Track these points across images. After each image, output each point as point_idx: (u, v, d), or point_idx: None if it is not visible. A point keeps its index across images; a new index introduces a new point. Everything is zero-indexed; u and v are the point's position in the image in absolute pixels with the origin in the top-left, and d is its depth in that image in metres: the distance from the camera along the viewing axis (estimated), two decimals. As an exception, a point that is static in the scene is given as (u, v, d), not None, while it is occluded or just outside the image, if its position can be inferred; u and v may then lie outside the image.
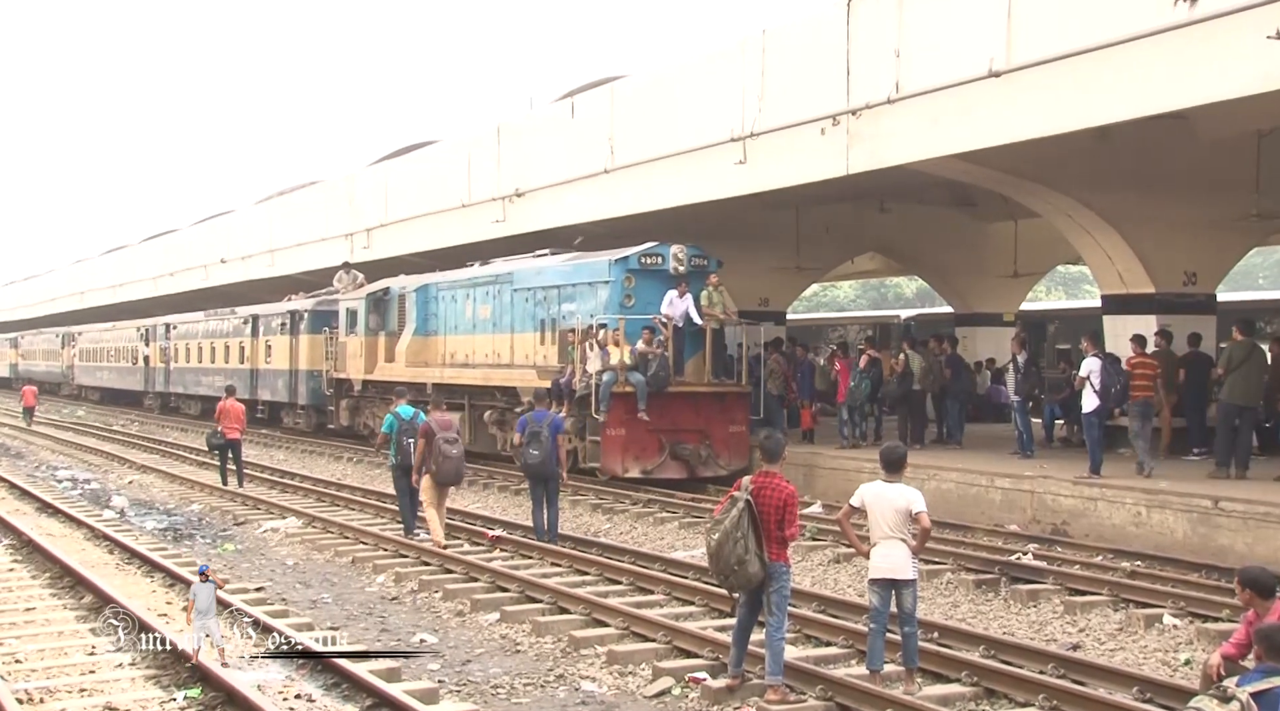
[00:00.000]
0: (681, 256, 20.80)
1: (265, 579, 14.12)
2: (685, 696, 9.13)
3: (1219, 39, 13.49)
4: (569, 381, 20.34)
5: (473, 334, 25.03)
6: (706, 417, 20.51)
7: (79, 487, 23.36)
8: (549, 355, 22.23)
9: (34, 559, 14.57)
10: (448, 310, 26.22)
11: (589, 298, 21.23)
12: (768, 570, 8.80)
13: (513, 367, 23.20)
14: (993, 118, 16.32)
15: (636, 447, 19.99)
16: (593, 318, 20.42)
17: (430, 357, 26.42)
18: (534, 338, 22.84)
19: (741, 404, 20.97)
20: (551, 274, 22.65)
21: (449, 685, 9.49)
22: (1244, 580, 7.16)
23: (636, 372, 19.68)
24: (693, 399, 20.48)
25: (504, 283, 24.04)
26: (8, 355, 73.23)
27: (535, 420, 15.65)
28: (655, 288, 20.69)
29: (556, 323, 22.16)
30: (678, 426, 20.20)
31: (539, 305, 22.82)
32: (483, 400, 23.93)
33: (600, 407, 19.58)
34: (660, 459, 20.09)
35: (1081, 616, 11.51)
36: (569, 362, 20.73)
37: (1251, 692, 5.84)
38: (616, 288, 20.74)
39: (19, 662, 9.65)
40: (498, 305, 24.16)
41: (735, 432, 20.67)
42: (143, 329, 48.71)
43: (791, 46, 20.15)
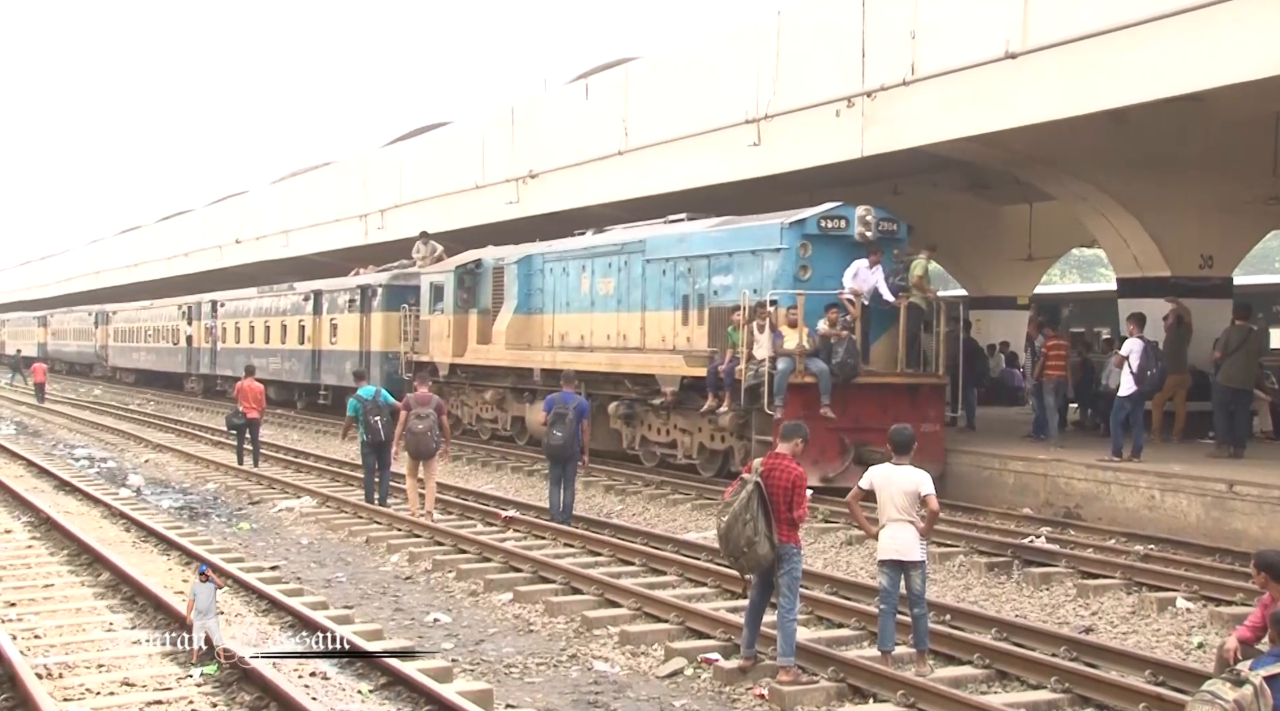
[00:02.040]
0: (869, 220, 17.33)
1: (280, 558, 14.19)
2: (698, 677, 9.16)
3: (1236, 19, 13.44)
4: (731, 370, 17.11)
5: (590, 312, 21.60)
6: (895, 414, 16.49)
7: (96, 466, 23.48)
8: (695, 337, 18.92)
9: (52, 536, 14.65)
10: (557, 284, 22.64)
11: (752, 269, 17.87)
12: (778, 551, 8.80)
13: (645, 351, 19.86)
14: (1008, 100, 16.27)
15: (815, 450, 15.82)
16: (756, 293, 17.12)
17: (534, 339, 23.08)
18: (674, 316, 19.44)
19: (936, 398, 17.64)
20: (698, 241, 19.22)
21: (462, 664, 9.52)
22: (1260, 563, 7.14)
23: (818, 360, 16.68)
24: (879, 391, 17.16)
25: (632, 252, 20.54)
26: (36, 334, 70.05)
27: (563, 402, 15.76)
28: (836, 257, 17.40)
29: (705, 299, 18.77)
30: (861, 424, 16.85)
31: (680, 278, 19.37)
32: (604, 389, 20.57)
33: (775, 401, 16.39)
34: (843, 464, 16.75)
35: (1094, 599, 11.49)
36: (729, 346, 17.37)
37: (1266, 676, 5.82)
38: (790, 257, 17.31)
39: (38, 638, 9.70)
40: (624, 279, 20.68)
41: (929, 432, 16.94)
42: (185, 307, 44.93)
43: (806, 28, 20.09)
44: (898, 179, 23.43)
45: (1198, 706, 5.92)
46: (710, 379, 17.51)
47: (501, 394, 23.78)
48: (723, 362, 17.27)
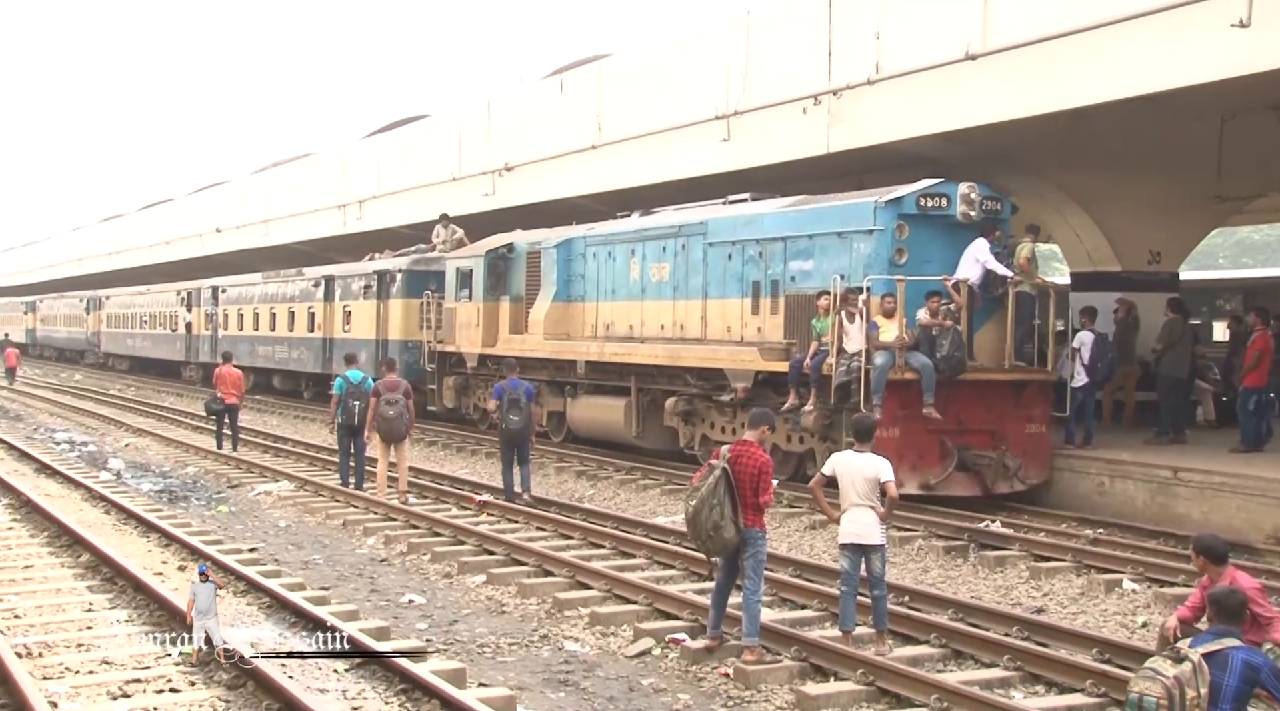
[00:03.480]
0: (974, 198, 15.07)
1: (258, 540, 14.14)
2: (665, 656, 9.20)
3: (1186, 26, 13.60)
4: (817, 364, 15.05)
5: (640, 300, 19.26)
6: (999, 413, 15.03)
7: (76, 449, 23.31)
8: (767, 328, 16.64)
9: (33, 518, 14.56)
10: (601, 271, 20.29)
11: (838, 253, 15.67)
12: (743, 535, 8.84)
13: (707, 343, 17.66)
14: (969, 99, 16.35)
15: (914, 454, 14.53)
16: (845, 279, 15.02)
17: (574, 329, 20.77)
18: (742, 305, 17.14)
19: (1043, 396, 15.51)
20: (772, 222, 16.92)
21: (436, 643, 9.53)
22: (1198, 547, 7.26)
23: (919, 353, 14.57)
24: (983, 389, 15.04)
25: (691, 235, 18.26)
26: (23, 320, 67.67)
27: (512, 388, 16.26)
28: (935, 239, 15.23)
29: (781, 286, 16.47)
30: (963, 425, 14.84)
31: (750, 263, 17.04)
32: (658, 383, 18.78)
33: (872, 400, 14.34)
34: (945, 470, 14.72)
35: (1045, 581, 11.59)
36: (813, 338, 15.28)
37: (1203, 653, 5.95)
38: (886, 239, 15.08)
39: (18, 618, 9.67)
40: (681, 264, 18.40)
41: (1034, 434, 15.18)
42: (184, 292, 42.32)
43: (775, 28, 20.10)
44: (863, 175, 23.52)
45: (1140, 682, 6.03)
46: (792, 374, 15.35)
47: (537, 387, 21.04)
48: (806, 356, 15.22)
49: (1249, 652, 6.02)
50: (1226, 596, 6.33)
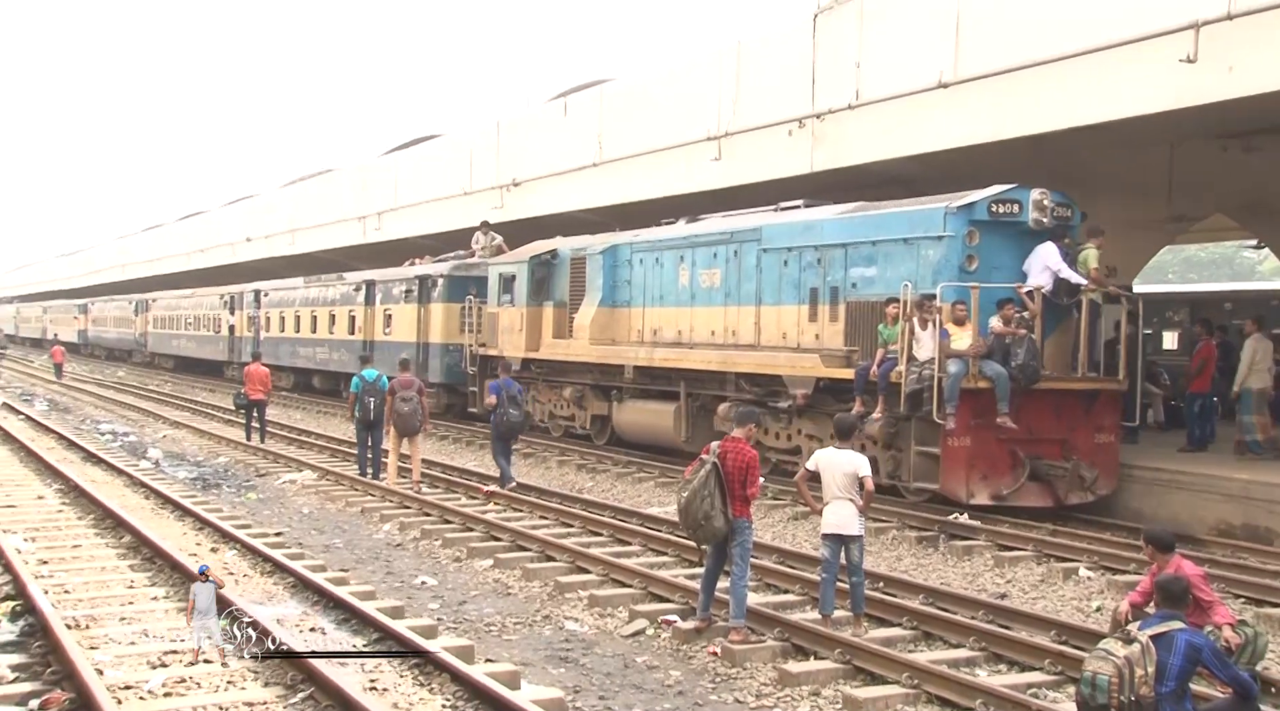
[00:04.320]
0: (1046, 204, 13.91)
1: (284, 525, 14.12)
2: (658, 636, 9.20)
3: (1141, 61, 13.70)
4: (886, 372, 13.87)
5: (690, 306, 18.07)
6: (1069, 423, 13.92)
7: (119, 440, 23.27)
8: (826, 334, 15.42)
9: (80, 502, 14.54)
10: (649, 276, 19.06)
11: (904, 259, 14.45)
12: (731, 525, 8.84)
13: (761, 349, 16.45)
14: (941, 124, 16.39)
15: (985, 464, 13.49)
16: (912, 286, 13.78)
17: (619, 334, 19.59)
18: (799, 311, 15.93)
19: (1112, 405, 14.31)
20: (831, 228, 15.66)
21: (447, 622, 9.52)
22: (1148, 538, 7.32)
23: (993, 362, 13.43)
24: (1054, 398, 13.86)
25: (744, 241, 17.00)
26: (76, 322, 66.24)
27: (508, 386, 16.55)
28: (1005, 246, 14.08)
29: (841, 292, 15.27)
30: (1033, 435, 13.73)
31: (808, 269, 15.82)
32: (708, 388, 17.40)
33: (946, 409, 13.22)
34: (1017, 481, 13.64)
35: (1009, 569, 11.60)
36: (879, 345, 14.13)
37: (1151, 635, 6.01)
38: (955, 245, 13.88)
39: (67, 593, 9.68)
40: (734, 270, 17.16)
41: (1103, 443, 14.12)
42: (227, 296, 41.34)
43: (763, 56, 20.13)
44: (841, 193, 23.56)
45: (1094, 662, 6.07)
46: (858, 382, 14.22)
47: (581, 391, 20.56)
48: (872, 363, 14.09)
49: (1192, 634, 6.07)
50: (1171, 582, 6.39)
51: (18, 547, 11.26)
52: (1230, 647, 6.83)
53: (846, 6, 18.34)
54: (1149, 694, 5.88)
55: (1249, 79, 12.78)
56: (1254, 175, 16.72)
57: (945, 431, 13.28)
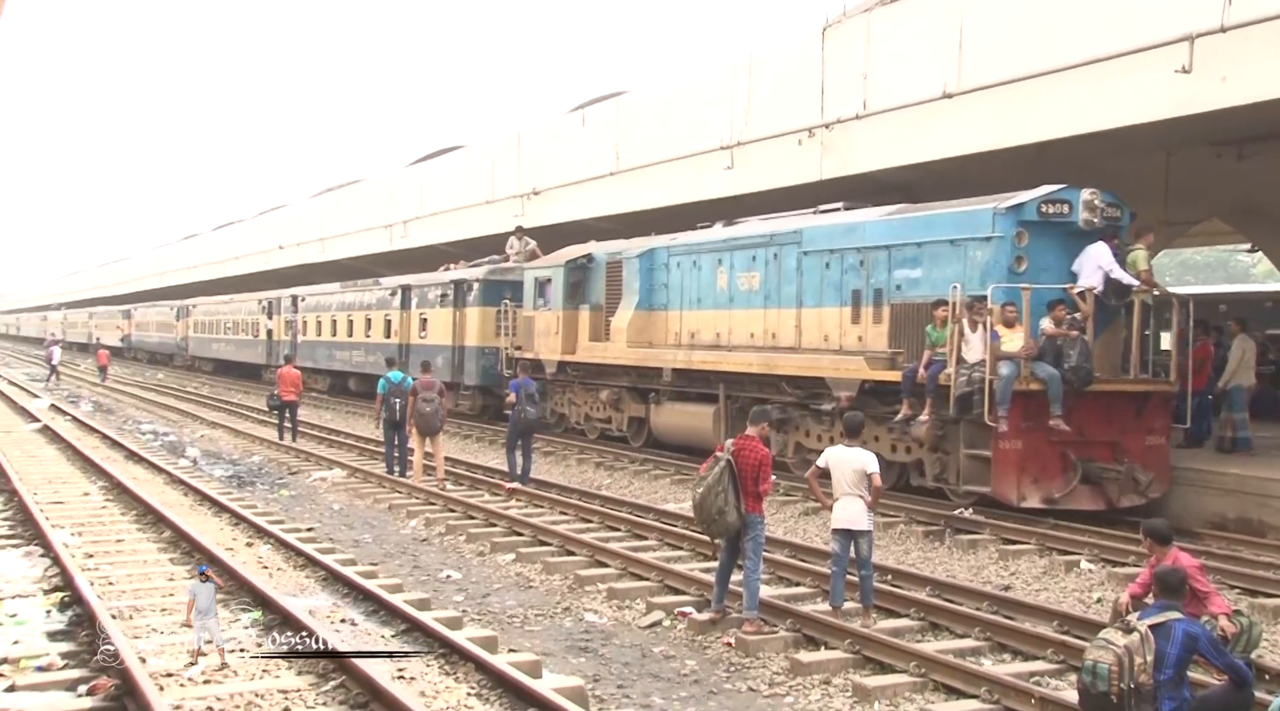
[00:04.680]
0: (1097, 204, 13.28)
1: (315, 520, 14.19)
2: (674, 627, 9.21)
3: (1138, 72, 13.72)
4: (934, 374, 13.23)
5: (728, 308, 17.44)
6: (1120, 425, 13.31)
7: (159, 439, 23.43)
8: (870, 337, 14.80)
9: (123, 499, 14.66)
10: (686, 279, 18.46)
11: (950, 261, 13.84)
12: (744, 520, 8.85)
13: (802, 352, 15.82)
14: (946, 133, 16.37)
15: (1036, 466, 12.90)
16: (957, 288, 13.16)
17: (656, 337, 19.03)
18: (841, 313, 15.32)
19: (1163, 407, 13.69)
20: (874, 231, 15.00)
21: (471, 614, 9.56)
22: (1147, 532, 7.31)
23: (1044, 363, 12.83)
24: (1104, 400, 13.23)
25: (784, 244, 16.36)
26: (120, 327, 65.92)
27: (526, 385, 16.69)
28: (1055, 247, 13.45)
29: (885, 294, 14.65)
30: (1084, 437, 13.09)
31: (850, 272, 15.18)
32: (747, 391, 16.79)
33: (998, 411, 12.61)
34: (1069, 484, 13.01)
35: (1012, 562, 11.57)
36: (927, 347, 13.44)
37: (1149, 625, 6.01)
38: (1004, 246, 13.27)
39: (111, 585, 9.77)
40: (773, 272, 16.51)
41: (1154, 446, 13.47)
42: (265, 301, 40.98)
43: (774, 68, 20.14)
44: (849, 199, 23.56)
45: (1095, 651, 6.08)
46: (906, 384, 13.56)
47: (618, 394, 20.08)
48: (918, 365, 13.44)
49: (1189, 624, 6.08)
50: (1169, 574, 6.39)
51: (65, 542, 11.37)
52: (1226, 636, 6.82)
53: (854, 20, 18.35)
54: (1148, 681, 5.88)
55: (1242, 89, 12.83)
56: (1247, 181, 16.65)
57: (996, 434, 12.68)
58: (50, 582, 9.87)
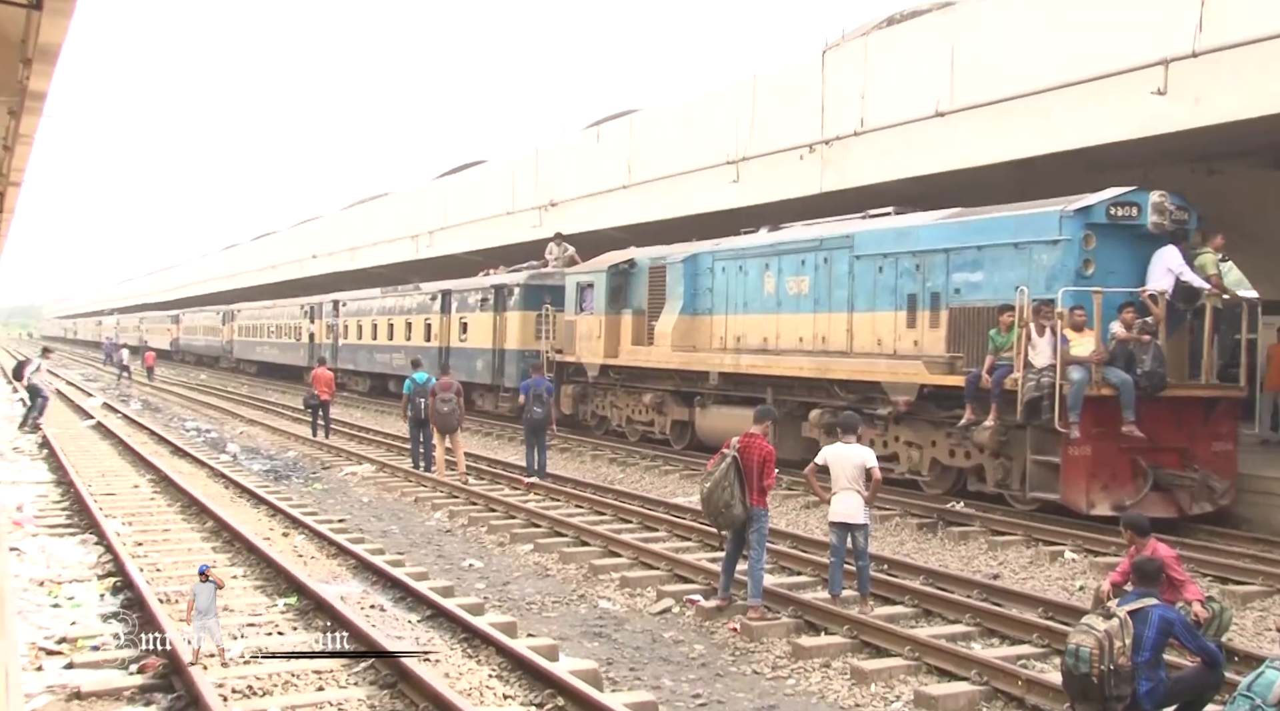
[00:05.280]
0: (1167, 207, 12.38)
1: (346, 512, 14.24)
2: (683, 613, 9.24)
3: (1116, 93, 13.80)
4: (1000, 378, 12.34)
5: (776, 313, 16.49)
6: (1190, 430, 12.43)
7: (202, 436, 23.52)
8: (926, 341, 13.90)
9: (169, 491, 14.77)
10: (732, 284, 17.48)
11: (1014, 264, 12.91)
12: (749, 513, 8.87)
13: (854, 356, 14.87)
14: (938, 149, 16.38)
15: (1106, 473, 12.04)
16: (1024, 291, 12.22)
17: (700, 341, 18.09)
18: (895, 317, 14.41)
19: (1231, 413, 12.80)
20: (931, 234, 14.08)
21: (492, 601, 9.59)
22: (1126, 524, 7.34)
23: (1116, 368, 11.93)
24: (1173, 405, 12.29)
25: (835, 248, 15.43)
26: (169, 331, 65.56)
27: (535, 385, 16.51)
28: (1122, 250, 12.49)
29: (943, 298, 13.74)
30: (1154, 443, 12.13)
31: (905, 276, 14.29)
32: (795, 395, 15.90)
33: (1070, 417, 11.74)
34: (1140, 491, 12.10)
35: (1001, 552, 11.57)
36: (990, 351, 12.59)
37: (1128, 611, 6.05)
38: (1071, 249, 12.30)
39: (159, 571, 9.86)
40: (823, 277, 15.59)
41: (1221, 452, 12.57)
42: (307, 306, 40.20)
43: (777, 88, 20.15)
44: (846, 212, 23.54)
45: (1077, 635, 6.12)
46: (969, 389, 12.70)
47: (661, 397, 19.25)
48: (981, 370, 12.60)
49: (1165, 609, 6.13)
50: (1145, 563, 6.45)
51: (117, 530, 11.48)
52: (1200, 621, 6.85)
53: (852, 43, 18.37)
54: (1126, 663, 5.93)
55: (1213, 110, 12.89)
56: (1217, 196, 16.65)
57: (1066, 440, 11.78)
58: (103, 568, 9.97)
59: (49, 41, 5.94)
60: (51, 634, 7.80)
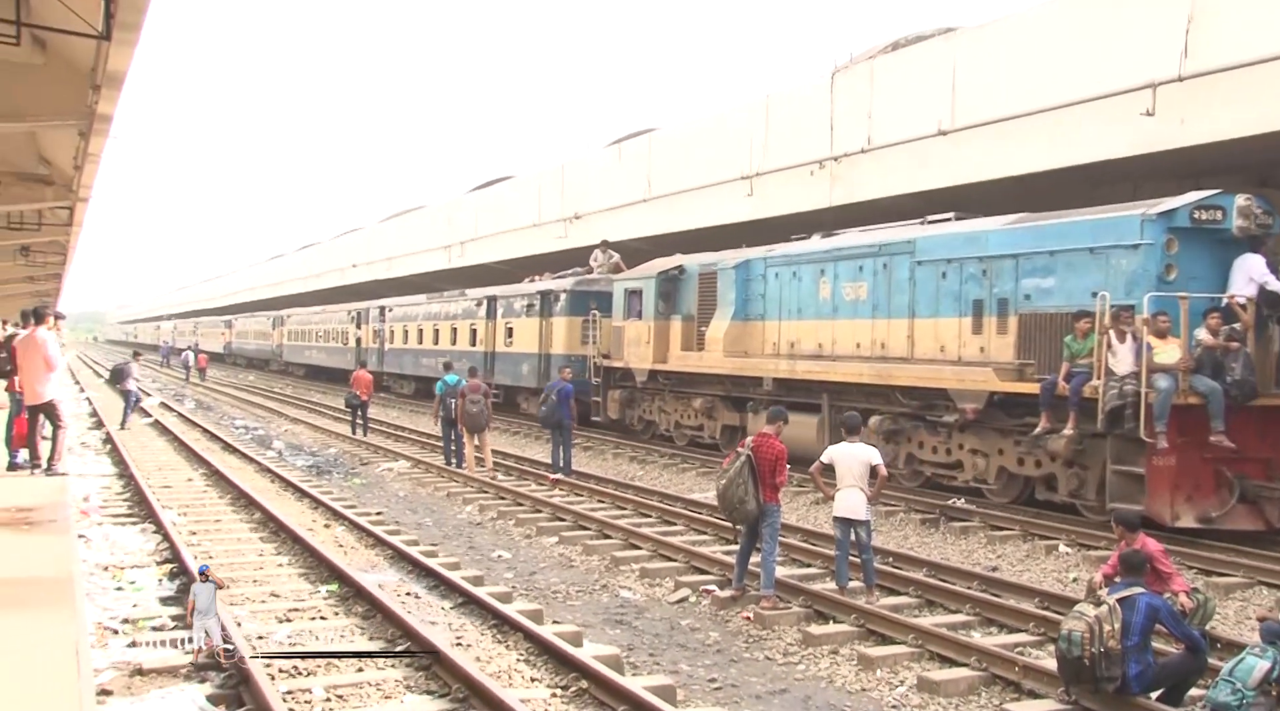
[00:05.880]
0: (1253, 211, 11.35)
1: (383, 506, 14.26)
2: (699, 602, 9.24)
3: (1108, 113, 13.87)
4: (1078, 386, 11.34)
5: (831, 318, 15.50)
6: (1273, 441, 11.35)
7: (250, 433, 23.67)
8: (994, 347, 12.95)
9: (220, 484, 14.88)
10: (785, 290, 16.46)
11: (1089, 269, 11.89)
12: (762, 508, 8.87)
13: (915, 362, 13.97)
14: (940, 166, 16.40)
15: (1190, 484, 11.02)
16: (1105, 296, 11.21)
17: (752, 347, 17.13)
18: (959, 324, 13.43)
19: None
20: (999, 239, 13.09)
21: (520, 590, 9.60)
22: (1117, 519, 7.35)
23: (1203, 376, 10.89)
24: (1259, 414, 11.24)
25: (895, 254, 14.44)
26: (222, 335, 65.97)
27: (554, 386, 16.79)
28: (1205, 255, 11.45)
29: (1012, 304, 12.76)
30: (1239, 453, 11.02)
31: (970, 281, 13.32)
32: (853, 400, 14.66)
33: (1156, 427, 10.72)
34: (1225, 502, 11.06)
35: (999, 546, 11.53)
36: (1066, 358, 11.58)
37: (1117, 598, 6.12)
38: (1154, 254, 11.28)
39: (211, 558, 9.90)
40: (883, 282, 14.60)
41: None
42: (354, 312, 39.60)
43: (789, 108, 20.20)
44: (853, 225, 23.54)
45: (1070, 621, 6.19)
46: (1044, 396, 11.72)
47: (711, 402, 18.32)
48: (1057, 377, 11.61)
49: (1151, 597, 6.23)
50: (1131, 556, 6.53)
51: (173, 520, 11.59)
52: (1185, 611, 6.86)
53: (860, 66, 18.40)
54: (1116, 646, 6.01)
55: (1197, 130, 12.97)
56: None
57: (1151, 450, 10.77)
58: (161, 555, 10.08)
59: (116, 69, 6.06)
60: (115, 615, 7.89)
